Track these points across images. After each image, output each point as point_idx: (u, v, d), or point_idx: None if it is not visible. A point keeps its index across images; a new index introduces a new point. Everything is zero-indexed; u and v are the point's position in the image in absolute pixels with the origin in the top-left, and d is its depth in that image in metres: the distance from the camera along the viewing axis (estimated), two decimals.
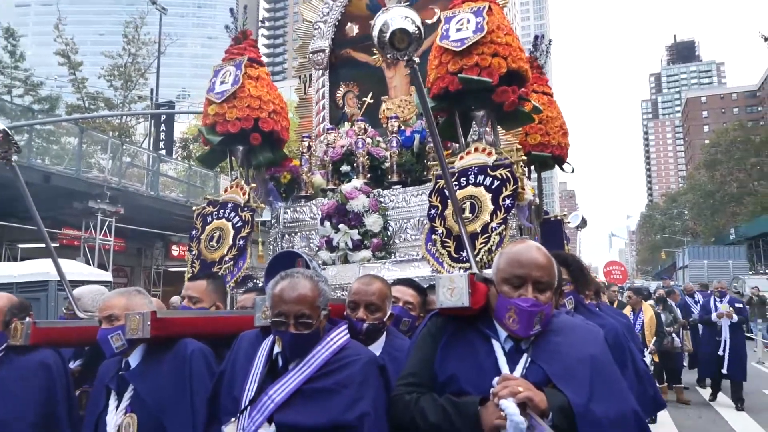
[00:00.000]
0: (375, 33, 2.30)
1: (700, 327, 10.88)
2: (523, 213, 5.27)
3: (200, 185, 24.12)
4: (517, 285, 1.98)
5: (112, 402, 2.52)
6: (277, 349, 2.21)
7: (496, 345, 2.01)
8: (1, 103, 21.94)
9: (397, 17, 2.26)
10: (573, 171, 6.02)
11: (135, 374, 2.53)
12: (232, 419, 2.11)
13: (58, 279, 10.43)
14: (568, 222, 6.62)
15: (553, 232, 5.75)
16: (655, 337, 8.84)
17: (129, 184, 20.01)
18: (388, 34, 2.25)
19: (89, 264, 16.33)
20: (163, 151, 26.69)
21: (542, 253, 2.05)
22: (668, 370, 9.82)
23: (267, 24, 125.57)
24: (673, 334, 9.64)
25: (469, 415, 1.85)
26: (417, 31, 2.27)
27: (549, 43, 5.98)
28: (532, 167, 5.91)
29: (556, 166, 5.93)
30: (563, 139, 5.69)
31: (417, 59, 2.36)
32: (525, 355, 1.96)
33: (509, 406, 1.75)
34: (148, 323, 2.44)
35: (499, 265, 2.05)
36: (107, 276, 14.46)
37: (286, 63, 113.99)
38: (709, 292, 12.95)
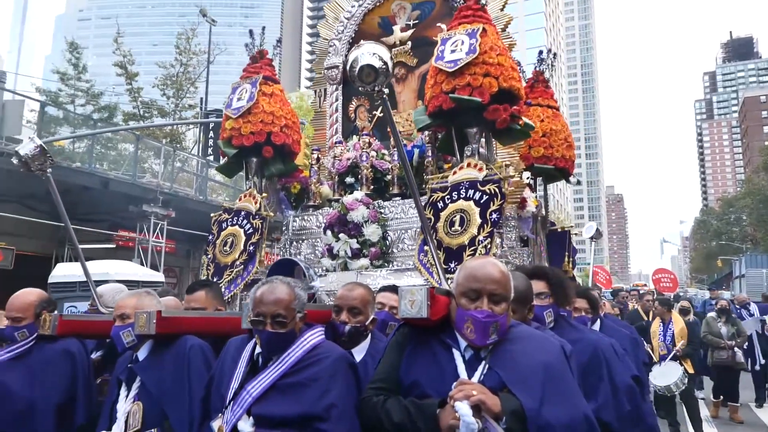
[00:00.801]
0: (348, 67, 2.52)
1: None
2: (527, 224, 5.43)
3: (245, 189, 24.82)
4: (473, 298, 2.14)
5: (123, 391, 2.84)
6: (258, 349, 2.47)
7: (456, 353, 2.18)
8: (65, 112, 23.23)
9: (366, 54, 2.45)
10: (578, 183, 6.13)
11: (142, 367, 2.85)
12: (219, 415, 2.38)
13: (118, 279, 11.16)
14: (578, 233, 6.67)
15: (558, 244, 5.88)
16: (682, 342, 8.61)
17: (179, 188, 20.91)
18: (357, 69, 2.47)
19: (143, 265, 17.20)
20: (211, 157, 27.64)
21: (497, 269, 2.21)
22: (725, 386, 9.52)
23: (310, 30, 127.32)
24: (735, 348, 9.32)
25: (429, 416, 2.02)
26: (384, 66, 2.46)
27: (554, 57, 6.11)
28: (539, 179, 6.05)
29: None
30: (567, 151, 5.80)
31: (386, 90, 2.58)
32: (483, 363, 2.12)
33: (462, 407, 1.91)
34: (154, 321, 2.75)
35: (458, 279, 2.22)
36: (160, 276, 15.22)
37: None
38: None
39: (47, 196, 15.41)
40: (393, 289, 3.41)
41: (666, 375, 7.55)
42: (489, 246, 3.94)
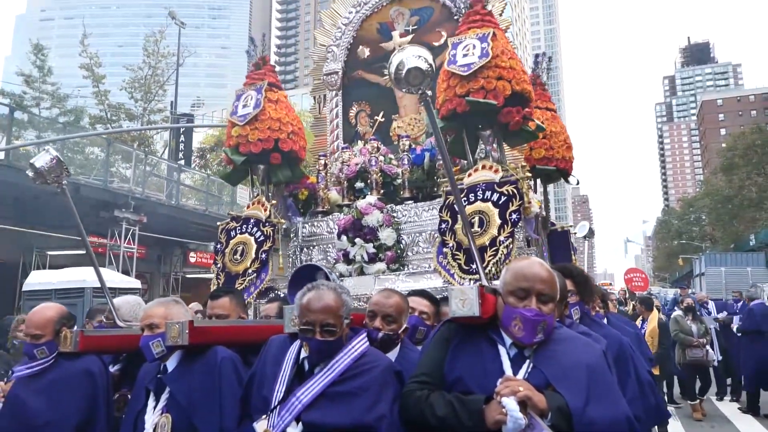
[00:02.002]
0: (392, 70, 2.52)
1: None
2: (530, 225, 5.50)
3: (217, 194, 24.63)
4: (522, 297, 2.18)
5: (151, 402, 2.76)
6: (303, 353, 2.44)
7: (502, 350, 2.22)
8: (29, 116, 22.64)
9: (412, 57, 2.48)
10: (578, 183, 6.26)
11: (171, 378, 2.76)
12: (263, 417, 2.34)
13: (94, 286, 10.83)
14: (575, 232, 6.82)
15: (559, 243, 5.97)
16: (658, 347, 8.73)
17: (151, 193, 20.58)
18: (404, 72, 2.49)
19: (117, 271, 16.91)
20: (182, 161, 27.26)
21: (545, 269, 2.26)
22: (703, 383, 9.48)
23: (279, 33, 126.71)
24: (707, 347, 9.29)
25: (474, 410, 2.04)
26: (429, 69, 2.51)
27: (549, 61, 6.23)
28: (539, 180, 6.15)
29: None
30: (567, 152, 5.92)
31: (430, 93, 2.61)
32: (528, 361, 2.17)
33: (509, 403, 1.94)
34: (187, 332, 2.67)
35: (506, 278, 2.27)
36: (136, 283, 14.99)
37: (298, 72, 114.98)
38: (725, 300, 12.85)
39: (11, 201, 15.07)
40: (422, 293, 3.41)
41: None
42: (511, 246, 4.00)
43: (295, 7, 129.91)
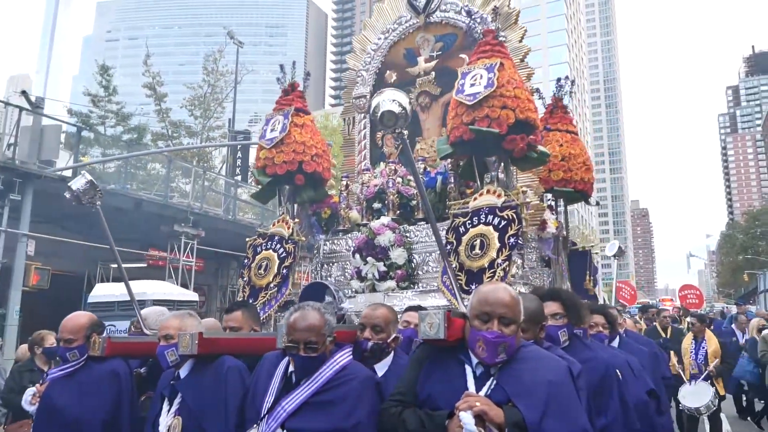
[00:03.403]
0: (371, 111, 2.83)
1: None
2: (548, 245, 5.65)
3: (272, 209, 25.38)
4: (485, 320, 2.34)
5: (165, 406, 3.07)
6: (291, 367, 2.70)
7: (468, 370, 2.39)
8: (95, 134, 23.98)
9: (387, 101, 2.75)
10: (597, 204, 6.33)
11: (183, 384, 3.06)
12: (254, 426, 2.60)
13: (154, 299, 11.43)
14: (596, 252, 6.86)
15: (579, 263, 6.08)
16: (716, 361, 8.18)
17: (209, 208, 21.38)
18: (378, 115, 2.77)
19: (176, 284, 17.70)
20: (239, 177, 28.19)
21: (508, 293, 2.42)
22: None
23: (335, 49, 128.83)
24: None
25: (439, 425, 2.23)
26: (402, 111, 2.77)
27: (572, 84, 6.35)
28: (560, 201, 6.27)
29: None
30: (586, 174, 6.02)
31: (406, 132, 2.87)
32: (491, 379, 2.33)
33: (465, 417, 2.11)
34: (196, 342, 2.96)
35: (472, 302, 2.45)
36: (194, 296, 15.60)
37: None
38: None
39: (80, 216, 16.05)
40: (418, 309, 3.71)
41: (697, 395, 7.39)
42: (507, 269, 4.17)
43: (350, 24, 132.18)
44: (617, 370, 3.40)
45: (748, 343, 9.73)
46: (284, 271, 5.09)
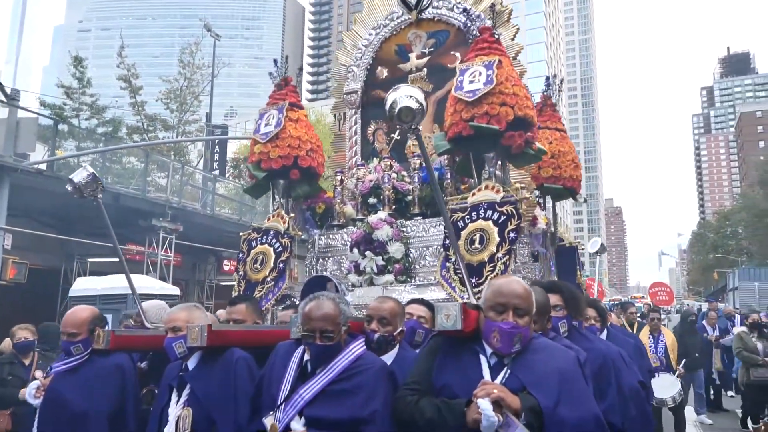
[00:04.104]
0: (386, 108, 2.80)
1: None
2: (538, 240, 5.74)
3: (250, 203, 25.29)
4: (500, 311, 2.44)
5: (174, 397, 3.10)
6: (306, 357, 2.76)
7: (483, 359, 2.49)
8: (70, 127, 23.57)
9: (404, 96, 2.75)
10: (585, 201, 6.48)
11: (192, 375, 3.10)
12: (271, 413, 2.65)
13: (137, 293, 11.39)
14: (583, 249, 7.02)
15: (567, 258, 6.20)
16: (684, 360, 8.72)
17: (186, 203, 21.26)
18: (396, 110, 2.78)
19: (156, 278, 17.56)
20: (217, 171, 27.98)
21: (521, 286, 2.53)
22: (759, 405, 8.97)
23: (312, 43, 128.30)
24: None
25: (457, 412, 2.31)
26: (420, 107, 2.79)
27: (561, 83, 6.47)
28: (548, 197, 6.38)
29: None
30: (575, 172, 6.14)
31: (420, 128, 2.89)
32: (506, 368, 2.43)
33: (483, 403, 2.21)
34: (205, 334, 2.99)
35: (486, 295, 2.54)
36: (175, 290, 15.56)
37: (330, 81, 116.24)
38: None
39: (54, 210, 15.82)
40: (421, 301, 3.75)
41: (663, 388, 7.57)
42: (507, 263, 4.25)
43: (327, 17, 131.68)
44: (612, 361, 3.51)
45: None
46: (281, 265, 5.09)
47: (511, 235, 4.33)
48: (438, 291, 4.63)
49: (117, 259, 17.80)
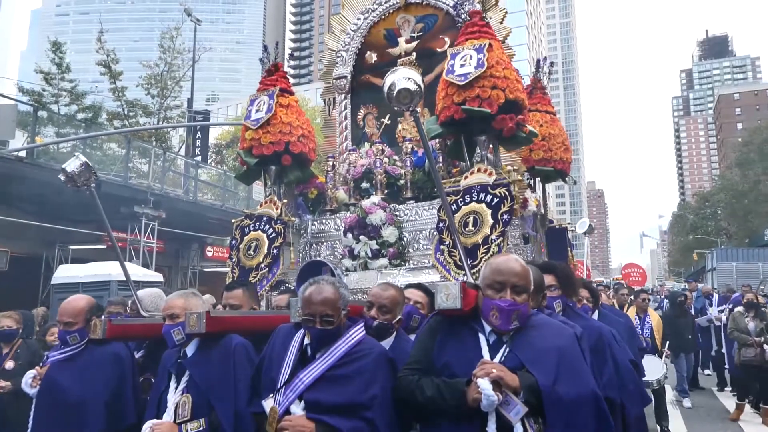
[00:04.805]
0: (385, 90, 2.83)
1: None
2: (528, 222, 5.80)
3: (233, 189, 25.11)
4: (498, 289, 2.45)
5: (173, 384, 3.10)
6: (306, 341, 2.76)
7: (482, 338, 2.50)
8: (49, 113, 23.18)
9: (402, 78, 2.77)
10: (575, 183, 6.54)
11: (191, 362, 3.10)
12: (271, 395, 2.65)
13: (119, 280, 11.30)
14: (573, 230, 7.11)
15: (557, 240, 6.27)
16: (667, 342, 8.82)
17: (169, 189, 21.07)
18: (395, 92, 2.80)
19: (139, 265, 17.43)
20: (199, 158, 27.73)
21: (519, 264, 2.54)
22: (757, 387, 8.86)
23: (294, 27, 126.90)
24: (765, 346, 8.55)
25: (457, 391, 2.33)
26: (418, 89, 2.80)
27: (551, 65, 6.50)
28: (538, 180, 6.44)
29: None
30: (565, 154, 6.21)
31: (419, 109, 2.91)
32: (504, 346, 2.45)
33: (483, 383, 2.23)
34: (204, 321, 3.00)
35: (484, 273, 2.56)
36: (159, 277, 15.48)
37: (312, 66, 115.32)
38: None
39: (35, 197, 15.63)
40: (418, 286, 3.77)
41: (649, 369, 7.41)
42: (501, 244, 4.30)
43: (309, 1, 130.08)
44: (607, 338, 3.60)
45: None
46: (274, 251, 5.10)
47: (505, 217, 4.37)
48: (432, 274, 4.67)
49: (100, 246, 17.71)
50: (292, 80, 6.13)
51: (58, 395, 3.47)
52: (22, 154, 15.54)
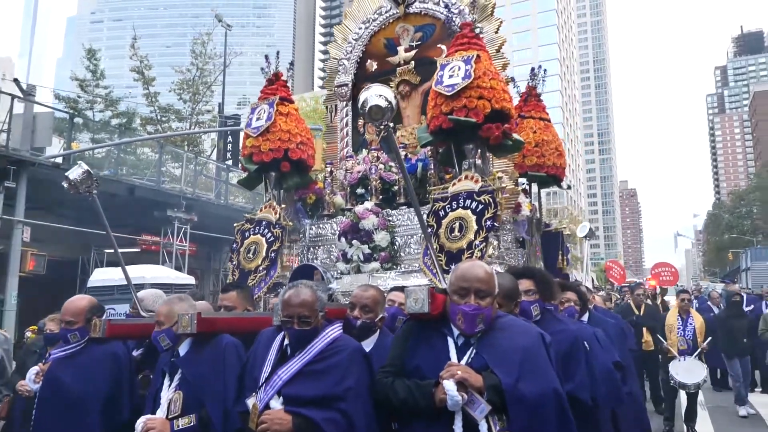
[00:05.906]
0: (360, 106, 2.98)
1: None
2: (522, 226, 5.94)
3: (263, 193, 25.34)
4: (463, 294, 2.60)
5: (166, 382, 3.29)
6: (287, 341, 2.94)
7: (450, 341, 2.66)
8: (84, 119, 23.91)
9: (374, 95, 2.92)
10: (569, 188, 6.63)
11: (183, 361, 3.29)
12: (253, 394, 2.85)
13: (153, 283, 11.71)
14: (568, 233, 7.17)
15: (552, 244, 6.38)
16: (709, 339, 8.36)
17: (200, 193, 21.55)
18: (367, 108, 2.96)
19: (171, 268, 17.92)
20: (230, 162, 28.25)
21: (483, 270, 2.69)
22: None
23: (323, 30, 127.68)
24: None
25: (426, 393, 2.49)
26: (388, 105, 2.95)
27: (545, 72, 6.60)
28: (533, 185, 6.55)
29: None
30: (558, 160, 6.30)
31: (391, 124, 3.06)
32: (471, 348, 2.61)
33: (448, 384, 2.38)
34: (195, 322, 3.18)
35: (450, 279, 2.72)
36: (190, 279, 15.86)
37: None
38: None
39: (74, 203, 16.20)
40: (402, 289, 3.94)
41: (691, 372, 7.52)
42: (484, 249, 4.44)
43: (338, 4, 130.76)
44: (584, 342, 3.67)
45: None
46: (272, 254, 5.32)
47: (488, 223, 4.51)
48: (421, 278, 4.82)
49: (134, 249, 18.22)
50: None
51: (59, 391, 3.68)
52: (59, 160, 16.11)
